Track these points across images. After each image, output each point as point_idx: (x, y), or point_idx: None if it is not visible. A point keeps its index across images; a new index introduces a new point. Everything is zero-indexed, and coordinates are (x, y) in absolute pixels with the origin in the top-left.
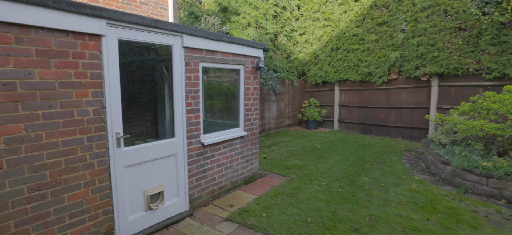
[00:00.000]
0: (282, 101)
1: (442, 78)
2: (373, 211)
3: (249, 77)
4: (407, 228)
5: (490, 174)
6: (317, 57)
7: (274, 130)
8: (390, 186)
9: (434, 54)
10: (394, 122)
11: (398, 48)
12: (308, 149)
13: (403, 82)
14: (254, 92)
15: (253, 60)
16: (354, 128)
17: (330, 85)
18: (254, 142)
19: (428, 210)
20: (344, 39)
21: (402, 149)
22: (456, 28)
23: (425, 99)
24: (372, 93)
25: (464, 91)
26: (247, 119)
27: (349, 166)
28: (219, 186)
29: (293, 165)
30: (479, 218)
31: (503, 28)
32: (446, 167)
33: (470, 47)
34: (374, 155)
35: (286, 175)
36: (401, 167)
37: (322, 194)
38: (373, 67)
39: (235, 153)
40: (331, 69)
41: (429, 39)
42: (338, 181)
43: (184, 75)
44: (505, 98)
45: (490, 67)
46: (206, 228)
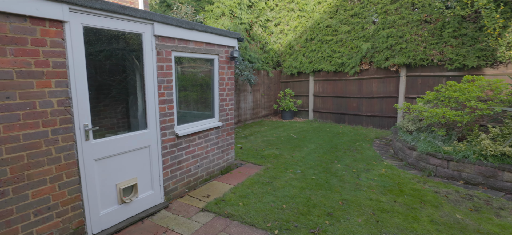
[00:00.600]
0: (258, 92)
1: (409, 68)
2: (345, 196)
3: (223, 67)
4: (376, 210)
5: (450, 157)
6: (292, 48)
7: (250, 121)
8: (361, 172)
9: (402, 46)
10: (365, 111)
11: (369, 39)
12: (284, 138)
13: (374, 73)
14: (229, 83)
15: (227, 50)
16: (328, 117)
17: (305, 76)
18: (230, 132)
19: (395, 192)
20: (318, 30)
21: (372, 137)
22: (423, 21)
23: (394, 89)
24: (345, 84)
25: (429, 81)
26: (222, 109)
27: (323, 153)
28: (195, 177)
29: (269, 154)
30: (440, 198)
31: (463, 22)
32: (412, 152)
33: (435, 39)
34: (347, 143)
35: (262, 164)
36: (371, 153)
37: (297, 182)
38: (346, 58)
39: (210, 143)
40: (305, 60)
41: (398, 31)
42: (312, 168)
43: (156, 65)
44: (464, 87)
45: (452, 58)
46: (182, 219)
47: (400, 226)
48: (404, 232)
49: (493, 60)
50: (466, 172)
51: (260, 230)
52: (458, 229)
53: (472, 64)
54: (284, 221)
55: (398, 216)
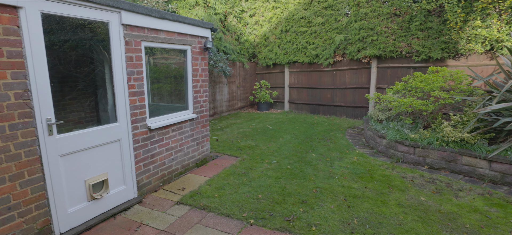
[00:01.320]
0: (234, 83)
1: (380, 60)
2: (319, 184)
3: (196, 58)
4: (348, 196)
5: (416, 144)
6: (267, 39)
7: (226, 113)
8: (335, 160)
9: (373, 38)
10: (339, 101)
11: (343, 31)
12: (260, 130)
13: (347, 64)
14: (203, 74)
15: (201, 41)
16: (303, 108)
17: (280, 67)
18: (205, 124)
19: (366, 179)
20: (293, 21)
21: (346, 126)
22: (392, 14)
23: (366, 80)
24: (320, 75)
25: (398, 72)
26: (196, 101)
27: (298, 144)
28: (169, 170)
29: (245, 145)
30: (406, 183)
31: (429, 15)
32: (382, 140)
33: (403, 32)
34: (321, 133)
35: (238, 155)
36: (344, 142)
37: (272, 172)
38: (320, 49)
39: (185, 136)
40: (281, 51)
41: (369, 23)
42: (287, 158)
43: (125, 55)
44: (429, 78)
45: (419, 50)
46: (157, 213)
47: (370, 210)
48: (373, 216)
49: (455, 53)
50: (430, 157)
51: (236, 220)
52: (422, 210)
53: (437, 56)
54: (259, 210)
55: (368, 201)
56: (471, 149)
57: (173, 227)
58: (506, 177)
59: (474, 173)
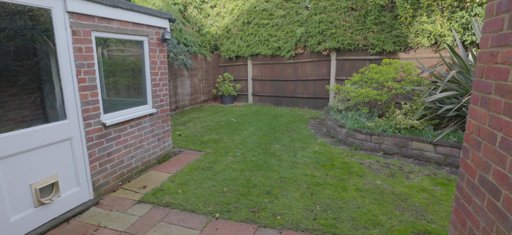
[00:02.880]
0: (196, 76)
1: (339, 52)
2: (283, 174)
3: (154, 50)
4: (311, 184)
5: (373, 132)
6: (229, 31)
7: (188, 107)
8: (298, 150)
9: (332, 31)
10: (301, 93)
11: (303, 24)
12: (224, 123)
13: (308, 57)
14: (162, 67)
15: (158, 31)
16: (267, 100)
17: (243, 60)
18: (166, 119)
19: (327, 167)
20: (255, 13)
21: (308, 117)
22: (349, 8)
23: (326, 72)
24: (282, 67)
25: (356, 64)
26: (156, 95)
27: (262, 135)
28: (128, 168)
29: (209, 139)
30: (364, 168)
31: (382, 10)
32: (342, 129)
33: (360, 26)
34: (285, 124)
35: (201, 150)
36: (307, 133)
37: (237, 164)
38: (282, 42)
39: (144, 131)
40: (243, 44)
41: (328, 17)
42: (252, 150)
43: (72, 46)
44: (383, 70)
45: (374, 43)
46: (116, 214)
47: (331, 196)
48: (334, 201)
49: (406, 46)
50: (385, 144)
51: (201, 215)
52: (378, 193)
53: (390, 49)
54: (225, 203)
55: (329, 188)
56: (419, 135)
57: (135, 227)
58: (448, 158)
59: (422, 156)
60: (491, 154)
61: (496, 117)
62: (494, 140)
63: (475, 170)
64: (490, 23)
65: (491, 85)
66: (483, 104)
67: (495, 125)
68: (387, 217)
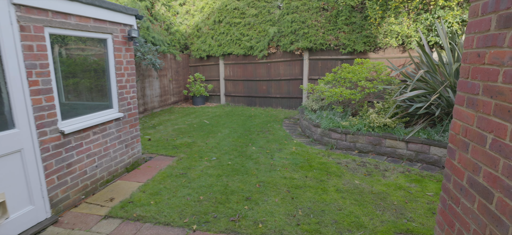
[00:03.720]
0: (165, 77)
1: (311, 52)
2: (261, 178)
3: (120, 49)
4: (291, 187)
5: (347, 131)
6: (200, 30)
7: (158, 109)
8: (275, 152)
9: (305, 31)
10: (274, 93)
11: (276, 23)
12: (196, 125)
13: (281, 56)
14: (129, 67)
15: (124, 29)
16: (239, 101)
17: (214, 59)
18: (134, 124)
19: (306, 168)
20: (226, 12)
21: (282, 117)
22: (321, 8)
23: (299, 71)
24: (255, 67)
25: (328, 64)
26: (123, 97)
27: (237, 138)
28: (93, 180)
29: (182, 143)
30: (342, 168)
31: (353, 11)
32: (317, 129)
33: (331, 26)
34: (259, 125)
35: (174, 155)
36: (282, 133)
37: (213, 169)
38: (255, 41)
39: (110, 138)
40: (214, 43)
41: (301, 16)
42: (227, 154)
43: (21, 44)
44: (356, 69)
45: (345, 43)
46: (79, 233)
47: (312, 199)
48: (316, 204)
49: (375, 46)
50: (359, 142)
51: (176, 228)
52: (357, 193)
53: (360, 49)
54: (202, 213)
55: (310, 190)
56: (392, 133)
57: None
58: (419, 155)
59: (395, 154)
60: (481, 156)
61: (485, 118)
62: (484, 141)
63: (463, 171)
64: (475, 23)
65: (478, 86)
66: (470, 106)
67: (485, 127)
68: (369, 218)
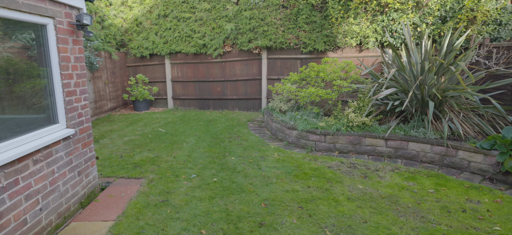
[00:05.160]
0: (100, 79)
1: (270, 51)
2: (262, 195)
3: (65, 40)
4: (300, 202)
5: (327, 132)
6: (140, 24)
7: (93, 117)
8: (259, 161)
9: (264, 29)
10: (230, 94)
11: (232, 20)
12: (151, 135)
13: (237, 55)
14: (78, 65)
15: (70, 13)
16: (191, 104)
17: (159, 58)
18: (87, 142)
19: (301, 177)
20: (173, 5)
21: (245, 121)
22: (281, 6)
23: (257, 71)
24: (207, 67)
25: (287, 63)
26: (72, 108)
27: (209, 147)
28: (36, 230)
29: (143, 160)
30: (336, 173)
31: (313, 10)
32: (292, 131)
33: (291, 24)
34: (225, 131)
35: (139, 176)
36: (254, 138)
37: (199, 190)
38: (208, 38)
39: (58, 166)
40: (160, 40)
41: (260, 13)
42: (207, 168)
43: None
44: (325, 68)
45: (306, 42)
46: None
47: (331, 214)
48: (338, 219)
49: (335, 45)
50: (339, 143)
51: None
52: (369, 200)
53: (321, 48)
54: None
55: (322, 203)
56: (371, 131)
57: None
58: (398, 151)
59: (375, 152)
60: None
61: None
62: None
63: None
64: None
65: None
66: None
67: None
68: (398, 227)
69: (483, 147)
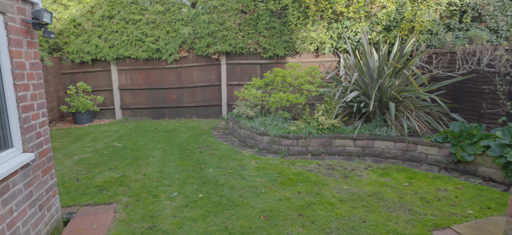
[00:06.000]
0: None
1: (229, 56)
2: (258, 207)
3: (19, 42)
4: (297, 210)
5: (299, 136)
6: (79, 26)
7: None
8: (239, 171)
9: (224, 33)
10: (188, 101)
11: (189, 23)
12: (107, 151)
13: (194, 61)
14: (35, 74)
15: (23, 8)
16: (143, 113)
17: (104, 64)
18: (48, 168)
19: (288, 183)
20: (120, 6)
21: (207, 129)
22: (240, 11)
23: (216, 77)
24: (161, 73)
25: (247, 68)
26: (30, 126)
27: (180, 160)
28: None
29: (107, 181)
30: (319, 176)
31: (273, 16)
32: (263, 137)
33: (251, 29)
34: (191, 140)
35: (109, 201)
36: (224, 146)
37: (188, 210)
38: (163, 43)
39: (17, 202)
40: (104, 44)
41: (219, 17)
42: (187, 184)
43: None
44: (291, 72)
45: (266, 47)
46: None
47: (330, 218)
48: (339, 222)
49: (294, 51)
50: (311, 145)
51: None
52: (359, 199)
53: (281, 53)
54: None
55: (318, 208)
56: (340, 132)
57: None
58: (365, 149)
59: (345, 151)
60: None
61: None
62: None
63: None
64: None
65: None
66: None
67: None
68: (394, 223)
69: (437, 141)
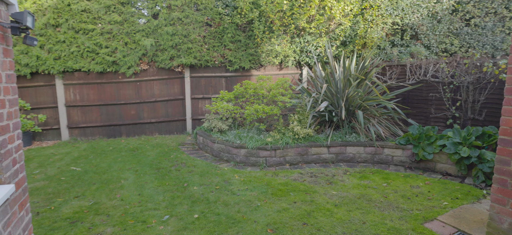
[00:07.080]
0: None
1: (193, 69)
2: (260, 221)
3: None
4: (299, 219)
5: (277, 147)
6: None
7: None
8: (225, 186)
9: (188, 46)
10: (148, 117)
11: (151, 35)
12: (64, 177)
13: (155, 74)
14: (10, 88)
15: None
16: (95, 132)
17: (46, 78)
18: (24, 201)
19: (280, 195)
20: (69, 14)
21: (174, 145)
22: (205, 23)
23: (180, 91)
24: (117, 87)
25: (212, 81)
26: (7, 151)
27: (158, 181)
28: None
29: (78, 212)
30: (306, 184)
31: (238, 29)
32: (240, 150)
33: (217, 42)
34: (162, 159)
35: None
36: (200, 162)
37: (190, 232)
38: (121, 54)
39: None
40: (48, 55)
41: (183, 29)
42: (175, 205)
43: None
44: (263, 85)
45: (232, 60)
46: None
47: (333, 223)
48: (343, 226)
49: (259, 64)
50: (289, 155)
51: None
52: (351, 203)
53: (247, 66)
54: None
55: (318, 215)
56: (315, 141)
57: None
58: (338, 155)
59: (320, 159)
60: None
61: None
62: None
63: None
64: None
65: None
66: None
67: None
68: (389, 220)
69: (400, 143)
